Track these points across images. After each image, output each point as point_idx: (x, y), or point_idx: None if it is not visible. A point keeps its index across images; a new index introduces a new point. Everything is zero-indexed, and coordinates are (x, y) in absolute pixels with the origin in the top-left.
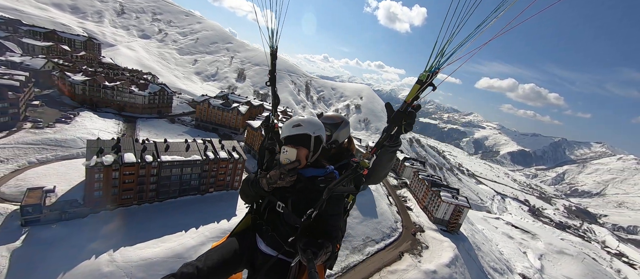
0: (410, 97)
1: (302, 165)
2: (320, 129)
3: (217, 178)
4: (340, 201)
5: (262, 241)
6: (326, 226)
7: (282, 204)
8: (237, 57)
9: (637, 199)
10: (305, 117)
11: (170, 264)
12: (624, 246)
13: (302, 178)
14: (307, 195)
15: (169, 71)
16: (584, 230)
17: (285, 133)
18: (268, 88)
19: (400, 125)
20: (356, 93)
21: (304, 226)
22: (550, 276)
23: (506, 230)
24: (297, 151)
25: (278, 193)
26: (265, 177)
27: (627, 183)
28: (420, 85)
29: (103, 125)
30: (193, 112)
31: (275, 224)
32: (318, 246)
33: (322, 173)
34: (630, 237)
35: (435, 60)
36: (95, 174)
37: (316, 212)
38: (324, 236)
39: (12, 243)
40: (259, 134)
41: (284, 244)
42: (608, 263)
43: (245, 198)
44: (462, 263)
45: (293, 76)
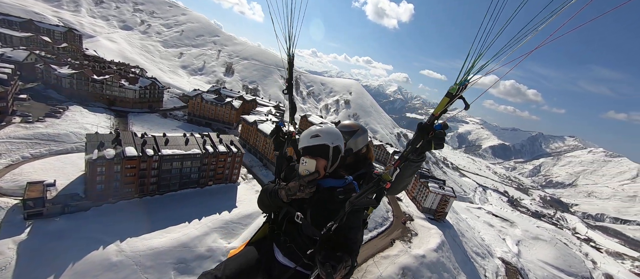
0: (438, 110)
1: (320, 176)
2: (339, 139)
3: (216, 171)
4: (359, 214)
5: (279, 251)
6: (345, 239)
7: (300, 215)
8: (224, 51)
9: (605, 189)
10: (323, 127)
11: (176, 253)
12: (592, 232)
13: (320, 188)
14: (326, 206)
15: (153, 64)
16: (557, 218)
17: (303, 144)
18: (258, 83)
19: (426, 139)
20: (345, 89)
21: (323, 239)
22: (527, 259)
23: (487, 218)
24: (316, 162)
25: (296, 203)
26: (285, 188)
27: (596, 174)
28: (450, 98)
29: (94, 119)
30: (185, 107)
31: (293, 235)
32: (337, 259)
33: (341, 184)
34: (597, 224)
35: (465, 74)
36: (97, 168)
37: (336, 225)
38: (343, 249)
39: (18, 235)
40: (254, 129)
41: (302, 257)
42: (577, 247)
43: (263, 207)
44: (448, 248)
45: (282, 71)
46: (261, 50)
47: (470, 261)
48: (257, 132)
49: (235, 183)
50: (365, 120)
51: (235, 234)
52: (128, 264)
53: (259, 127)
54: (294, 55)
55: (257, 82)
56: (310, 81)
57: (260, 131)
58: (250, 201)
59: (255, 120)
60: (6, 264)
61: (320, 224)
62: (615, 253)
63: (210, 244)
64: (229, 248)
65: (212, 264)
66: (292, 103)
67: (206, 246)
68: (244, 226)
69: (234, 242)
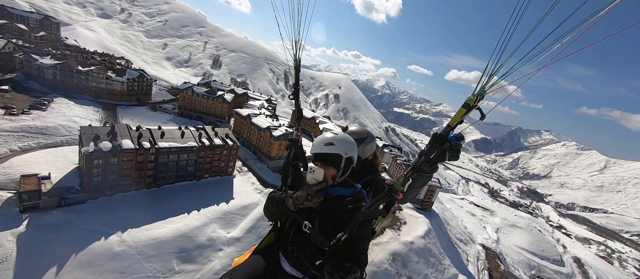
0: (455, 121)
1: (329, 185)
2: (353, 150)
3: (212, 164)
4: (368, 224)
5: (286, 261)
6: (354, 250)
7: (308, 224)
8: (211, 43)
9: (576, 180)
10: (338, 135)
11: (178, 242)
12: (563, 220)
13: (328, 197)
14: (335, 215)
15: (136, 55)
16: (532, 208)
17: (315, 150)
18: (247, 76)
19: (441, 150)
20: (335, 83)
21: (332, 250)
22: (505, 245)
23: (469, 208)
24: (324, 171)
25: (304, 212)
26: (292, 198)
27: (568, 166)
28: (467, 109)
29: (82, 112)
30: (174, 100)
31: (301, 245)
32: (346, 270)
33: (349, 193)
34: (568, 212)
35: (484, 85)
36: (94, 160)
37: (346, 236)
38: (351, 260)
39: (15, 228)
40: (248, 122)
41: (310, 268)
42: (550, 234)
43: (270, 215)
44: (434, 235)
45: (271, 64)
46: (249, 43)
47: (454, 246)
48: (251, 125)
49: (231, 175)
50: (355, 114)
51: (234, 225)
52: (131, 254)
53: (253, 120)
54: (300, 60)
55: (245, 75)
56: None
57: (255, 124)
58: (246, 193)
59: (249, 114)
60: (7, 256)
61: (328, 233)
62: (583, 238)
63: (210, 234)
64: (228, 238)
65: (212, 253)
66: (299, 108)
67: (206, 235)
68: (242, 217)
69: (233, 232)
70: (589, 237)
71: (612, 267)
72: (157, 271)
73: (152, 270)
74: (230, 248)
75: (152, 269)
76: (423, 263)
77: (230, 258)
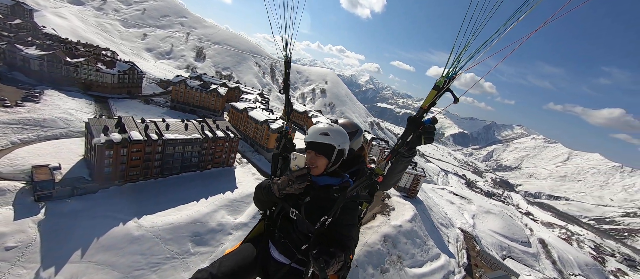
0: (427, 103)
1: (319, 173)
2: (346, 142)
3: (215, 155)
4: (354, 211)
5: (275, 248)
6: (340, 236)
7: (295, 211)
8: (193, 34)
9: (543, 171)
10: (334, 127)
11: (191, 227)
12: (531, 207)
13: (316, 186)
14: (320, 203)
15: (113, 45)
16: (504, 197)
17: (310, 138)
18: (233, 69)
19: (416, 133)
20: (321, 78)
21: (318, 235)
22: (480, 229)
23: (449, 197)
24: (317, 160)
25: (291, 200)
26: (276, 183)
27: (536, 158)
28: (437, 91)
29: (75, 104)
30: (165, 93)
31: (288, 231)
32: (330, 254)
33: (336, 182)
34: (535, 200)
35: (452, 66)
36: (105, 151)
37: (330, 220)
38: (337, 246)
39: (34, 216)
40: (245, 116)
41: (296, 253)
42: (519, 219)
43: (259, 204)
44: (420, 220)
45: (257, 58)
46: (234, 35)
47: (436, 230)
48: (248, 119)
49: (232, 166)
50: (341, 109)
51: (240, 211)
52: (149, 238)
53: (250, 114)
54: (291, 57)
55: (230, 68)
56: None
57: (252, 118)
58: (248, 182)
59: (245, 107)
60: (31, 241)
61: (314, 220)
62: (547, 223)
63: (220, 219)
64: (236, 223)
65: (223, 237)
66: (289, 102)
67: (216, 221)
68: (247, 204)
69: (240, 218)
70: (552, 222)
71: (572, 247)
72: (175, 253)
73: (170, 252)
74: (239, 232)
75: (171, 251)
76: (410, 244)
77: (240, 241)
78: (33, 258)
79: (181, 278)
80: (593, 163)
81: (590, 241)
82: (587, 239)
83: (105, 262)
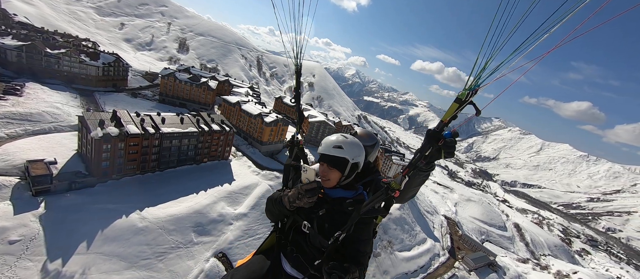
0: (448, 116)
1: (331, 186)
2: (361, 155)
3: (211, 149)
4: (369, 226)
5: (287, 262)
6: (354, 252)
7: (308, 224)
8: (175, 24)
9: (518, 161)
10: (348, 139)
11: (193, 218)
12: (507, 195)
13: (329, 199)
14: (334, 216)
15: (89, 36)
16: (483, 186)
17: (323, 150)
18: (218, 62)
19: (436, 147)
20: (308, 71)
21: (331, 250)
22: (461, 216)
23: (433, 186)
24: (330, 173)
25: (304, 213)
26: (287, 195)
27: (513, 149)
28: (459, 104)
29: (60, 98)
30: (152, 86)
31: (301, 245)
32: (344, 270)
33: (350, 195)
34: (511, 189)
35: (475, 78)
36: (103, 145)
37: (344, 235)
38: (351, 261)
39: (35, 210)
40: (238, 109)
41: (309, 268)
42: (497, 206)
43: (270, 216)
44: (408, 207)
45: (243, 50)
46: (218, 26)
47: (423, 217)
48: (241, 112)
49: (228, 160)
50: (329, 102)
51: (239, 203)
52: (153, 229)
53: (243, 107)
54: (301, 64)
55: (216, 60)
56: (272, 62)
57: (245, 111)
58: (245, 175)
59: (238, 101)
60: (34, 234)
61: (327, 234)
62: (521, 209)
63: (220, 210)
64: (236, 213)
65: (224, 227)
66: (300, 111)
67: (217, 212)
68: (245, 196)
69: (239, 208)
70: (526, 208)
71: (543, 230)
72: (180, 243)
73: (175, 242)
74: (239, 222)
75: (175, 241)
76: (400, 230)
77: (241, 230)
78: (38, 250)
79: (187, 265)
80: (563, 153)
81: (559, 224)
82: (556, 223)
83: (111, 253)
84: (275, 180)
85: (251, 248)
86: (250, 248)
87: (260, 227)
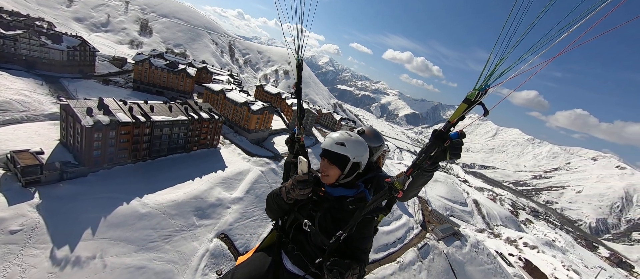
0: (456, 117)
1: (330, 182)
2: (364, 155)
3: (200, 136)
4: (370, 224)
5: (288, 259)
6: (354, 249)
7: (308, 223)
8: (134, 3)
9: (477, 145)
10: (352, 137)
11: (193, 203)
12: (467, 175)
13: (330, 197)
14: (335, 215)
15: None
16: (447, 168)
17: (325, 146)
18: (186, 47)
19: (442, 148)
20: (283, 59)
21: (332, 249)
22: (430, 194)
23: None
24: (329, 169)
25: (304, 211)
26: (284, 187)
27: (472, 134)
28: (468, 104)
29: (24, 85)
30: (122, 72)
31: (302, 244)
32: (345, 266)
33: (351, 193)
34: (471, 170)
35: (485, 79)
36: (94, 134)
37: (345, 235)
38: (352, 258)
39: (30, 200)
40: (222, 97)
41: (310, 266)
42: (459, 185)
43: (270, 213)
44: None
45: (213, 34)
46: (184, 7)
47: None
48: (226, 100)
49: (217, 148)
50: (305, 91)
51: (234, 188)
52: (156, 214)
53: (228, 95)
54: (302, 60)
55: (183, 45)
56: (245, 48)
57: (230, 99)
58: (236, 161)
59: (222, 89)
60: (35, 223)
61: (328, 232)
62: (479, 187)
63: (217, 195)
64: (232, 198)
65: (223, 210)
66: (301, 107)
67: (214, 196)
68: (239, 181)
69: (235, 193)
70: (483, 186)
71: (496, 205)
72: (183, 226)
73: (178, 225)
74: (236, 205)
75: (178, 225)
76: None
77: (239, 213)
78: (42, 239)
79: (192, 246)
80: (513, 137)
81: (509, 199)
82: (507, 198)
83: (118, 238)
84: (265, 166)
85: (250, 229)
86: (249, 229)
87: (256, 210)
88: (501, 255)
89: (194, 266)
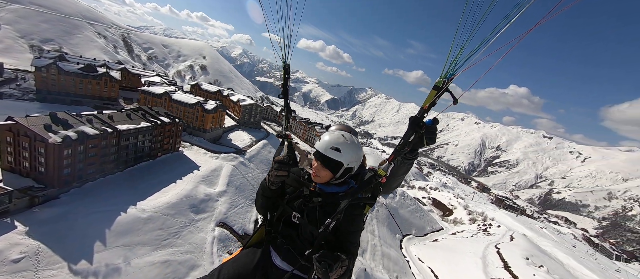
0: (427, 103)
1: (320, 182)
2: (357, 161)
3: (164, 142)
4: (359, 217)
5: (277, 255)
6: (344, 241)
7: (298, 214)
8: None
9: (386, 120)
10: (348, 141)
11: (187, 201)
12: (382, 146)
13: (323, 193)
14: (326, 208)
15: None
16: (369, 143)
17: (320, 148)
18: (62, 43)
19: (418, 134)
20: (197, 52)
21: (321, 239)
22: None
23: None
24: (321, 171)
25: (296, 205)
26: (269, 173)
27: (382, 112)
28: (437, 91)
29: None
30: (4, 82)
31: (292, 238)
32: (334, 258)
33: (343, 190)
34: (385, 142)
35: (450, 66)
36: (64, 151)
37: (334, 223)
38: (341, 250)
39: (14, 230)
40: (167, 101)
41: (299, 259)
42: (380, 155)
43: (260, 208)
44: None
45: (97, 26)
46: None
47: None
48: (172, 103)
49: (180, 151)
50: (228, 85)
51: (215, 183)
52: (158, 216)
53: (174, 97)
54: (289, 63)
55: (56, 40)
56: (146, 42)
57: (178, 101)
58: (206, 161)
59: (166, 91)
60: (36, 249)
61: (318, 224)
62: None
63: (204, 191)
64: (217, 192)
65: (213, 203)
66: (288, 106)
67: (202, 193)
68: (217, 177)
69: (218, 187)
70: None
71: None
72: (185, 222)
73: (181, 222)
74: (223, 198)
75: (181, 222)
76: None
77: (228, 203)
78: (53, 260)
79: (200, 237)
80: (411, 110)
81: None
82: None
83: (131, 242)
84: (235, 161)
85: (241, 215)
86: (241, 215)
87: (240, 199)
88: (418, 199)
89: (208, 251)
